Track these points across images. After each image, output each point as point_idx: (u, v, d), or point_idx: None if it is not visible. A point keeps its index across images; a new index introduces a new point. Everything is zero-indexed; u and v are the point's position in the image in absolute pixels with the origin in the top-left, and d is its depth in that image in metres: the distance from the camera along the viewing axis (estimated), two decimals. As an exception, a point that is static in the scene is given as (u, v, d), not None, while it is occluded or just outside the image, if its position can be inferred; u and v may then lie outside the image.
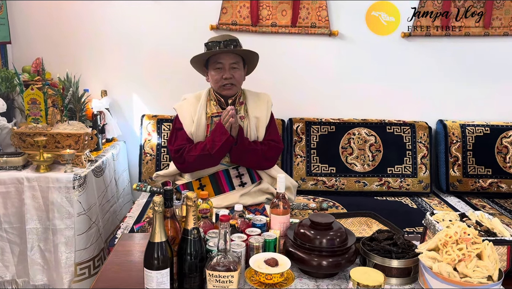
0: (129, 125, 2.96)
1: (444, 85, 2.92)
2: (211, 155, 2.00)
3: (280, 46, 2.84)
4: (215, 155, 2.01)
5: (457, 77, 2.91)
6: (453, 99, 2.94)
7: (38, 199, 2.20)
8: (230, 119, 1.96)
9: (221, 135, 1.98)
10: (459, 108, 2.94)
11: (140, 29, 2.81)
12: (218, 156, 2.04)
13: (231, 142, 2.00)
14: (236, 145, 2.02)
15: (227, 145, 2.00)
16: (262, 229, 1.52)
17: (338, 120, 2.86)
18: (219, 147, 1.98)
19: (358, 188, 2.80)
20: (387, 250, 1.45)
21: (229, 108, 1.98)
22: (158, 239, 1.25)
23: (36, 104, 2.32)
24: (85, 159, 2.36)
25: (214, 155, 2.01)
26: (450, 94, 2.94)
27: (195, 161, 2.03)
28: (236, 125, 2.00)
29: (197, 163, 2.05)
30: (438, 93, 2.93)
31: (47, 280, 2.29)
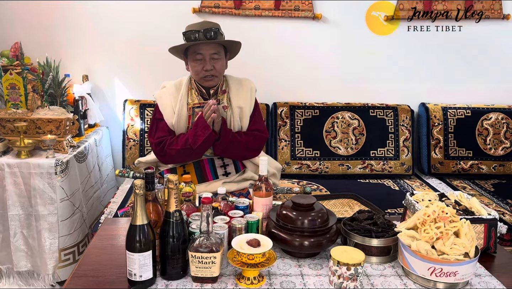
0: (112, 111, 2.93)
1: (426, 69, 2.95)
2: (193, 149, 1.97)
3: (264, 30, 2.82)
4: (197, 149, 1.97)
5: (439, 60, 2.94)
6: (435, 83, 2.97)
7: (20, 185, 2.17)
8: (212, 115, 1.90)
9: (203, 130, 1.93)
10: (441, 91, 2.97)
11: (122, 12, 2.76)
12: (201, 151, 2.01)
13: (214, 137, 1.96)
14: (219, 140, 1.98)
15: (210, 140, 1.96)
16: (245, 211, 1.53)
17: (322, 104, 2.86)
18: (201, 142, 1.94)
19: (341, 171, 2.83)
20: (367, 230, 1.48)
21: (211, 102, 1.91)
22: (139, 222, 1.25)
23: (15, 90, 2.27)
24: (67, 145, 2.33)
25: (196, 149, 1.97)
26: (432, 78, 2.96)
27: (176, 154, 2.00)
28: (218, 120, 1.94)
29: (179, 157, 2.02)
30: (421, 76, 2.96)
31: (31, 266, 2.28)
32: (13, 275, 2.30)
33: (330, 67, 2.92)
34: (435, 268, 1.26)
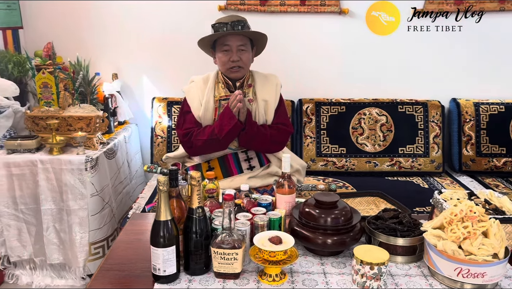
0: (141, 108, 2.99)
1: (457, 63, 2.86)
2: (219, 139, 2.00)
3: (289, 26, 2.80)
4: (223, 139, 2.01)
5: (471, 54, 2.84)
6: (467, 77, 2.88)
7: (52, 180, 2.25)
8: (238, 104, 1.93)
9: (229, 120, 1.97)
10: (473, 86, 2.88)
11: (150, 11, 2.80)
12: (226, 141, 2.04)
13: (239, 127, 1.99)
14: (245, 130, 2.01)
15: (235, 130, 1.99)
16: (268, 208, 1.54)
17: (348, 101, 2.83)
18: (226, 132, 1.97)
19: (368, 168, 2.78)
20: (392, 228, 1.45)
21: (237, 92, 1.95)
22: (163, 218, 1.27)
23: (47, 88, 2.35)
24: (97, 141, 2.40)
25: (222, 139, 2.00)
26: (464, 72, 2.87)
27: (203, 145, 2.04)
28: (244, 110, 1.97)
29: (205, 147, 2.05)
30: (452, 71, 2.87)
31: (63, 259, 2.36)
32: (46, 267, 2.39)
33: (357, 62, 2.88)
34: (462, 269, 1.23)
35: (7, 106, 2.32)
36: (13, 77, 2.43)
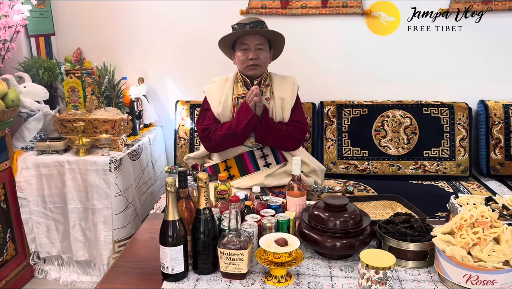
0: (166, 111, 3.07)
1: (485, 64, 2.76)
2: (236, 133, 2.05)
3: (311, 28, 2.80)
4: (240, 133, 2.06)
5: (499, 54, 2.74)
6: (495, 79, 2.78)
7: (78, 180, 2.35)
8: (254, 98, 2.00)
9: (246, 114, 2.03)
10: (501, 87, 2.77)
11: (173, 17, 2.88)
12: (243, 135, 2.09)
13: (256, 121, 2.04)
14: (261, 123, 2.05)
15: (252, 123, 2.04)
16: (277, 211, 1.55)
17: (371, 103, 2.79)
18: (243, 125, 2.03)
19: (392, 171, 2.74)
20: (402, 233, 1.43)
21: (254, 87, 2.02)
22: (171, 218, 1.31)
23: (75, 92, 2.46)
24: (121, 143, 2.48)
25: (239, 133, 2.06)
26: (492, 73, 2.77)
27: (221, 139, 2.09)
28: (260, 104, 2.03)
29: (223, 142, 2.11)
30: (479, 72, 2.78)
31: (88, 256, 2.45)
32: (72, 264, 2.49)
33: (380, 64, 2.84)
34: (470, 275, 1.20)
35: (38, 110, 2.44)
36: (43, 82, 2.55)
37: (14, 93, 2.26)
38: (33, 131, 2.46)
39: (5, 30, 2.37)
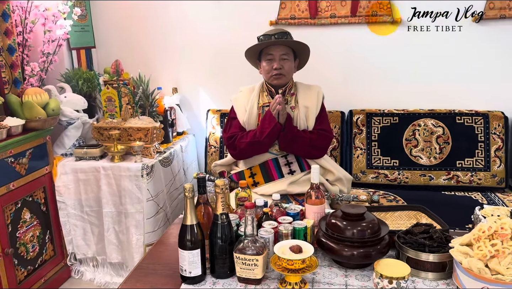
0: (198, 120, 3.16)
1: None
2: (260, 141, 2.10)
3: (340, 37, 2.80)
4: (264, 141, 2.10)
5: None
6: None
7: (113, 185, 2.46)
8: (278, 107, 2.04)
9: (269, 122, 2.07)
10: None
11: (205, 29, 2.97)
12: (267, 142, 2.12)
13: (279, 128, 2.08)
14: (284, 131, 2.08)
15: (275, 131, 2.08)
16: (295, 218, 1.57)
17: (402, 111, 2.75)
18: (267, 133, 2.07)
19: (423, 181, 2.68)
20: (420, 244, 1.41)
21: (277, 96, 2.06)
22: (189, 222, 1.37)
23: (111, 102, 2.59)
24: (154, 150, 2.58)
25: (263, 141, 2.10)
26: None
27: (245, 147, 2.14)
28: (283, 112, 2.07)
29: (248, 149, 2.16)
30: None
31: (121, 258, 2.55)
32: (106, 266, 2.61)
33: (411, 72, 2.80)
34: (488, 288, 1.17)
35: (77, 118, 2.59)
36: (83, 92, 2.70)
37: (55, 102, 2.42)
38: (72, 139, 2.61)
39: (49, 44, 2.55)
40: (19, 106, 2.31)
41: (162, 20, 3.02)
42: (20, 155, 2.24)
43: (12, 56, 2.35)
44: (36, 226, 2.39)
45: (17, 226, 2.25)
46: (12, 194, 2.19)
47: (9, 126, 2.18)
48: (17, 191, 2.23)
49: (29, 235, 2.33)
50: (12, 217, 2.21)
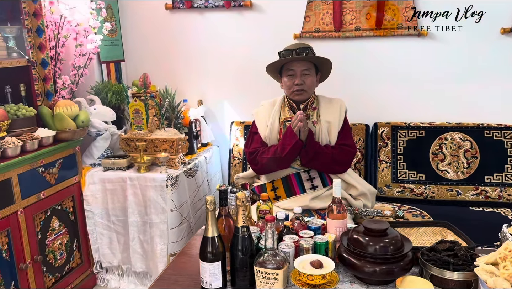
0: (222, 132, 3.19)
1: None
2: (282, 157, 2.09)
3: (364, 50, 2.80)
4: (285, 157, 2.09)
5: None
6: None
7: (138, 196, 2.51)
8: (299, 124, 2.03)
9: (291, 139, 2.07)
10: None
11: (229, 42, 3.02)
12: (288, 159, 2.12)
13: (300, 145, 2.07)
14: (305, 148, 2.08)
15: (296, 148, 2.07)
16: (317, 232, 1.56)
17: (428, 125, 2.71)
18: (288, 150, 2.06)
19: (450, 197, 2.62)
20: (445, 261, 1.38)
21: (298, 112, 2.05)
22: (210, 234, 1.38)
23: (138, 114, 2.65)
24: (179, 161, 2.62)
25: (284, 157, 2.09)
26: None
27: (267, 162, 2.14)
28: (305, 129, 2.06)
29: (269, 165, 2.16)
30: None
31: (145, 268, 2.59)
32: (131, 274, 2.65)
33: (437, 85, 2.76)
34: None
35: (105, 130, 2.67)
36: (112, 104, 2.78)
37: (85, 114, 2.50)
38: (100, 149, 2.68)
39: (80, 57, 2.65)
40: (51, 118, 2.40)
41: (189, 35, 3.09)
42: (51, 164, 2.32)
43: (45, 70, 2.45)
44: (64, 234, 2.46)
45: (46, 234, 2.32)
46: (42, 202, 2.27)
47: (40, 137, 2.26)
48: (47, 199, 2.31)
49: (57, 243, 2.40)
50: (41, 225, 2.28)
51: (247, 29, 2.97)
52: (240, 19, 2.97)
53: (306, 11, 2.80)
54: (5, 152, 2.07)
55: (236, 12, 2.96)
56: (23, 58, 2.35)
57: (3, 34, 2.30)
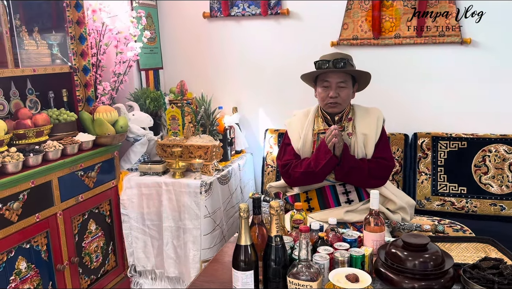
0: (256, 139, 3.19)
1: None
2: (315, 172, 2.03)
3: (404, 58, 2.72)
4: (319, 173, 2.04)
5: None
6: None
7: (173, 201, 2.54)
8: (333, 140, 1.96)
9: (325, 154, 2.00)
10: None
11: (266, 50, 3.02)
12: (322, 174, 2.06)
13: (334, 161, 2.01)
14: (341, 164, 2.02)
15: (330, 164, 2.01)
16: (352, 245, 1.52)
17: (471, 136, 2.60)
18: (322, 165, 2.00)
19: (493, 211, 2.49)
20: (489, 280, 1.30)
21: (333, 127, 1.98)
22: (243, 242, 1.37)
23: (175, 120, 2.69)
24: (213, 168, 2.63)
25: (318, 172, 2.03)
26: None
27: (300, 176, 2.09)
28: (339, 144, 1.99)
29: (302, 179, 2.10)
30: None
31: (178, 273, 2.61)
32: (164, 279, 2.67)
33: (480, 95, 2.64)
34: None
35: (143, 135, 2.72)
36: (149, 110, 2.83)
37: (124, 120, 2.55)
38: (138, 155, 2.73)
39: (120, 64, 2.72)
40: (91, 123, 2.47)
41: (225, 43, 3.11)
42: (90, 168, 2.38)
43: (86, 76, 2.53)
44: (101, 237, 2.51)
45: (83, 236, 2.38)
46: (80, 205, 2.33)
47: (80, 142, 2.33)
48: (85, 202, 2.36)
49: (93, 246, 2.45)
50: (79, 228, 2.34)
51: (284, 37, 2.96)
52: (277, 27, 2.97)
53: (344, 18, 2.77)
54: (47, 155, 2.14)
55: (273, 20, 2.96)
56: (66, 64, 2.44)
57: (47, 42, 2.39)
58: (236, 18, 3.04)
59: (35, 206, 2.04)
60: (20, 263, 1.98)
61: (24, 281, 1.99)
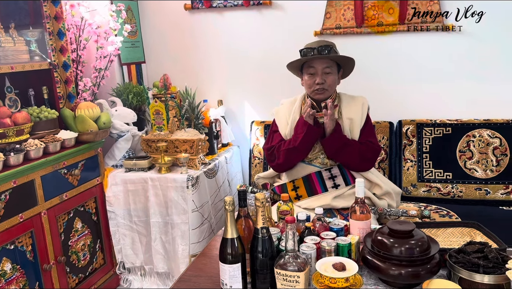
0: (242, 131, 3.17)
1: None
2: (296, 147, 2.06)
3: (387, 46, 2.72)
4: (299, 147, 2.06)
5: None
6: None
7: (160, 196, 2.52)
8: (308, 109, 2.02)
9: (302, 126, 2.04)
10: None
11: (248, 41, 3.00)
12: (303, 148, 2.08)
13: (313, 130, 2.04)
14: (331, 136, 2.04)
15: (310, 134, 2.03)
16: (339, 234, 1.52)
17: (455, 122, 2.62)
18: (301, 138, 2.04)
19: (479, 196, 2.52)
20: (474, 264, 1.32)
21: (309, 103, 2.06)
22: (229, 236, 1.35)
23: (159, 115, 2.66)
24: (199, 162, 2.61)
25: (299, 147, 2.06)
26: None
27: (283, 156, 2.11)
28: (332, 117, 2.02)
29: (286, 158, 2.11)
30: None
31: (167, 268, 2.59)
32: (153, 275, 2.66)
33: (464, 81, 2.66)
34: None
35: (127, 131, 2.68)
36: (133, 105, 2.80)
37: (106, 116, 2.52)
38: (122, 151, 2.70)
39: (101, 59, 2.67)
40: (72, 120, 2.43)
41: (208, 35, 3.08)
42: (73, 166, 2.34)
43: (66, 72, 2.48)
44: (87, 235, 2.48)
45: (69, 235, 2.35)
46: (65, 204, 2.29)
47: (62, 139, 2.29)
48: (70, 201, 2.33)
49: (80, 244, 2.42)
50: (64, 226, 2.31)
51: (267, 28, 2.94)
52: (260, 18, 2.94)
53: (327, 7, 2.75)
54: (28, 154, 2.10)
55: (256, 11, 2.94)
56: (45, 61, 2.39)
57: (25, 38, 2.33)
58: (218, 10, 3.00)
59: (18, 206, 2.00)
60: (4, 264, 1.94)
61: (9, 282, 1.96)
